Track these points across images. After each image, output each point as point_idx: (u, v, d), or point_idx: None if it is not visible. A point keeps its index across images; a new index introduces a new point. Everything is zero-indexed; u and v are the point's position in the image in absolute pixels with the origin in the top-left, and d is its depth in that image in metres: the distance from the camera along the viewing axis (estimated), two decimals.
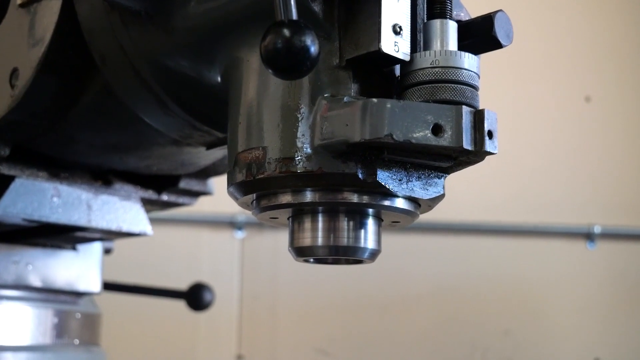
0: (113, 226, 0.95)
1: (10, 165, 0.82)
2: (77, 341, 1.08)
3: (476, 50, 0.61)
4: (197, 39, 0.66)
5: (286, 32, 0.49)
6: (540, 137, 2.49)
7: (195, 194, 1.00)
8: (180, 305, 1.28)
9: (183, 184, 0.95)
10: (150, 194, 0.96)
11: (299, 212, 0.62)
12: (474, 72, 0.57)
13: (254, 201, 0.62)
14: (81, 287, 1.08)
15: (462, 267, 2.37)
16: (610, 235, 2.48)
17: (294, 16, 0.50)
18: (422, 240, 2.31)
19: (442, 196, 0.60)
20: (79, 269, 1.08)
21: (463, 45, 0.60)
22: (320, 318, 2.32)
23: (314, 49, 0.49)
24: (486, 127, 0.54)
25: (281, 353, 2.29)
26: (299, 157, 0.56)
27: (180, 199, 1.00)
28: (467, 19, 0.65)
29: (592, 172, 2.55)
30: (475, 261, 2.39)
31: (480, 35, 0.62)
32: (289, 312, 2.28)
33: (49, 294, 1.04)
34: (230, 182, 0.62)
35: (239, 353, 2.24)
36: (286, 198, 0.59)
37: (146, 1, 0.65)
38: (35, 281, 1.02)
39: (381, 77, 0.58)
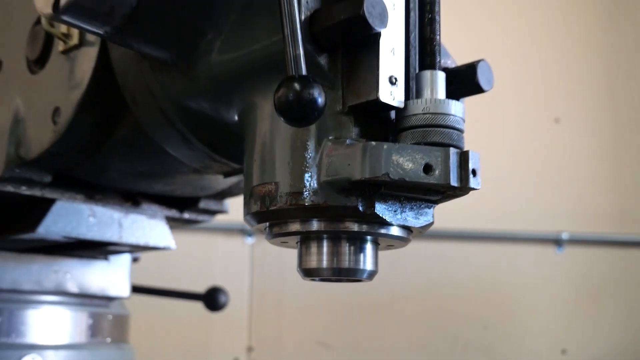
0: (141, 241, 0.95)
1: (52, 190, 0.82)
2: (109, 339, 1.07)
3: (461, 94, 0.62)
4: (217, 86, 0.65)
5: (297, 86, 0.49)
6: (515, 155, 2.49)
7: (213, 213, 0.99)
8: (198, 304, 1.27)
9: (202, 204, 0.95)
10: (173, 213, 0.95)
11: (306, 238, 0.61)
12: (460, 117, 0.56)
13: (267, 228, 0.62)
14: (112, 292, 1.07)
15: (446, 270, 2.38)
16: (577, 241, 2.48)
17: (304, 71, 0.49)
18: (409, 247, 2.30)
19: (431, 224, 0.60)
20: (111, 276, 1.07)
21: (449, 90, 0.59)
22: (321, 314, 2.32)
23: (321, 101, 0.49)
24: (470, 166, 0.54)
25: (286, 345, 2.29)
26: (307, 192, 0.56)
27: (200, 217, 0.99)
28: (453, 66, 0.65)
29: (560, 185, 2.55)
30: (458, 265, 2.39)
31: (464, 82, 0.62)
32: (293, 309, 2.28)
33: (84, 298, 1.04)
34: (246, 212, 0.61)
35: (249, 345, 2.24)
36: (295, 227, 0.59)
37: (173, 51, 0.64)
38: (73, 288, 1.02)
39: (379, 121, 0.58)
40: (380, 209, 0.56)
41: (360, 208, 0.55)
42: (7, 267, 0.96)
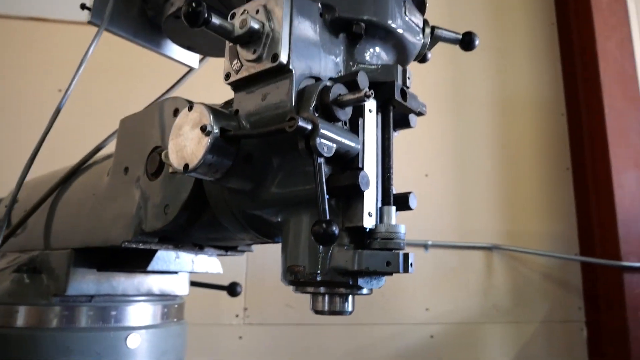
0: (204, 270, 0.98)
1: (156, 245, 0.81)
2: (175, 320, 1.05)
3: (400, 209, 0.63)
4: (272, 205, 0.63)
5: (324, 225, 0.50)
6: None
7: (243, 252, 0.97)
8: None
9: (239, 248, 0.95)
10: (222, 252, 0.95)
11: (317, 294, 0.60)
12: (403, 234, 0.57)
13: (295, 288, 0.62)
14: (178, 292, 1.06)
15: None
16: (436, 245, 2.53)
17: (327, 216, 0.51)
18: None
19: (383, 284, 0.60)
20: (178, 283, 1.06)
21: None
22: (288, 287, 2.28)
23: (336, 232, 0.51)
24: (410, 261, 0.56)
25: (267, 306, 2.28)
26: (321, 273, 0.56)
27: (237, 254, 0.98)
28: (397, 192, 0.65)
29: (427, 212, 2.61)
30: None
31: (401, 203, 0.63)
32: (271, 285, 2.29)
33: (162, 296, 1.03)
34: (284, 277, 0.61)
35: (245, 306, 2.23)
36: (312, 289, 0.59)
37: (249, 186, 0.62)
38: (156, 291, 1.01)
39: (362, 232, 0.57)
40: (360, 282, 0.57)
41: (350, 282, 0.56)
42: (119, 281, 0.96)
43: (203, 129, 0.53)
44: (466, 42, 0.72)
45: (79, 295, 0.90)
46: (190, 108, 0.57)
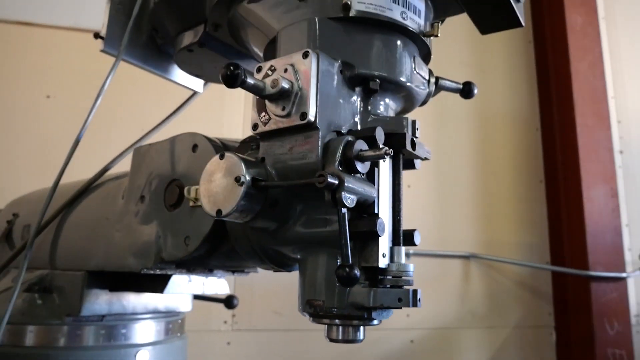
0: (214, 291, 1.02)
1: (172, 270, 0.84)
2: (178, 334, 1.10)
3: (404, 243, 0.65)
4: (293, 243, 0.65)
5: (347, 269, 0.53)
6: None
7: (249, 272, 1.01)
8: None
9: (245, 270, 0.98)
10: (229, 274, 0.98)
11: (333, 325, 0.63)
12: (412, 272, 0.61)
13: (313, 319, 0.64)
14: (181, 309, 1.11)
15: None
16: (417, 254, 2.61)
17: (349, 261, 0.54)
18: None
19: (391, 314, 0.64)
20: (182, 299, 1.10)
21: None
22: (276, 294, 2.34)
23: (358, 275, 0.54)
24: (418, 297, 0.60)
25: (255, 313, 2.32)
26: (338, 307, 0.59)
27: (242, 274, 1.01)
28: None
29: (411, 221, 2.66)
30: None
31: (407, 239, 0.65)
32: (260, 292, 2.32)
33: (167, 313, 1.07)
34: (303, 310, 0.63)
35: (233, 313, 2.27)
36: (328, 320, 0.62)
37: (271, 227, 0.64)
38: (162, 308, 1.06)
39: (376, 271, 0.60)
40: (374, 315, 0.60)
41: (365, 316, 0.60)
42: (129, 300, 1.00)
43: (237, 179, 0.57)
44: (466, 91, 0.78)
45: (92, 315, 0.94)
46: (222, 157, 0.61)
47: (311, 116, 0.58)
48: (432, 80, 0.76)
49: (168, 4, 0.89)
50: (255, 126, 0.63)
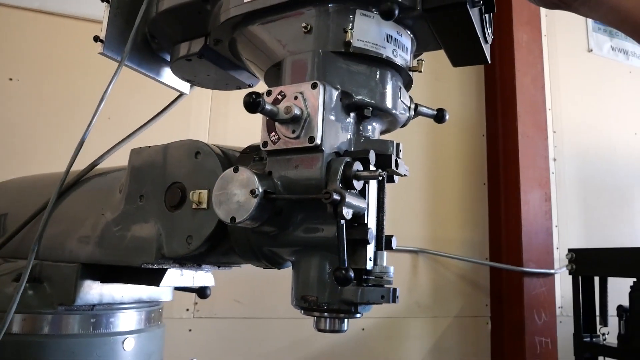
0: (203, 284, 1.07)
1: (168, 265, 0.89)
2: (158, 323, 1.13)
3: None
4: (291, 246, 0.70)
5: (344, 271, 0.61)
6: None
7: (232, 267, 1.03)
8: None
9: (231, 265, 1.02)
10: (215, 268, 1.02)
11: (321, 317, 0.69)
12: (392, 273, 0.68)
13: (305, 312, 0.69)
14: (163, 298, 1.13)
15: None
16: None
17: (346, 264, 0.61)
18: None
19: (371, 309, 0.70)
20: (164, 290, 1.12)
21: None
22: (236, 284, 2.37)
23: (352, 277, 0.62)
24: (397, 294, 0.67)
25: (216, 301, 2.33)
26: (330, 302, 0.66)
27: (226, 268, 1.04)
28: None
29: (402, 222, 2.68)
30: None
31: (386, 244, 0.71)
32: (221, 281, 2.30)
33: (149, 303, 1.09)
34: (296, 304, 0.69)
35: (195, 302, 2.28)
36: (318, 313, 0.68)
37: (273, 232, 0.69)
38: (145, 298, 1.08)
39: (363, 272, 0.66)
40: (359, 309, 0.68)
41: (352, 310, 0.67)
42: (117, 290, 1.02)
43: (252, 192, 0.65)
44: (439, 116, 0.89)
45: (84, 304, 0.97)
46: (236, 170, 0.68)
47: (318, 140, 0.67)
48: (412, 106, 0.87)
49: (170, 16, 0.93)
50: (265, 144, 0.71)
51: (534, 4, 0.85)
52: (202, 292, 1.40)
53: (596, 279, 2.40)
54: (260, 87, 0.82)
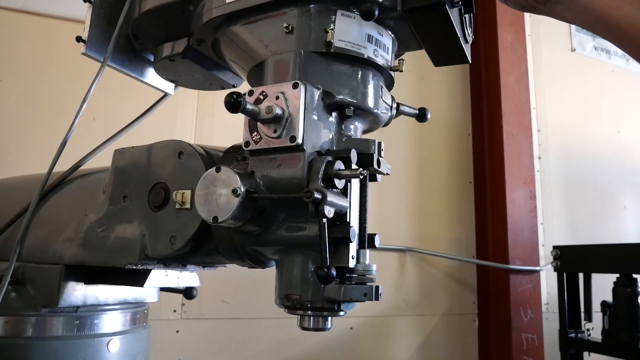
0: (188, 284, 1.06)
1: (152, 266, 0.89)
2: (144, 324, 1.13)
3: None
4: (274, 245, 0.70)
5: (326, 270, 0.61)
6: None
7: (217, 267, 1.03)
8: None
9: (216, 265, 1.02)
10: (200, 268, 1.02)
11: (305, 315, 0.70)
12: (375, 271, 0.69)
13: (288, 310, 0.70)
14: (148, 299, 1.13)
15: None
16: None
17: (328, 263, 0.62)
18: None
19: (355, 307, 0.70)
20: (148, 292, 1.12)
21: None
22: (224, 284, 2.36)
23: (334, 275, 0.62)
24: (380, 292, 0.67)
25: (203, 302, 2.32)
26: (313, 301, 0.66)
27: (212, 269, 1.04)
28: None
29: (395, 222, 2.71)
30: None
31: (369, 242, 0.72)
32: (208, 282, 2.30)
33: (135, 304, 1.09)
34: (279, 302, 0.69)
35: (182, 303, 2.27)
36: (301, 312, 0.69)
37: (256, 231, 0.69)
38: (130, 299, 1.08)
39: (345, 270, 0.67)
40: (342, 307, 0.68)
41: (335, 308, 0.67)
42: (102, 292, 1.02)
43: (234, 191, 0.65)
44: (421, 115, 0.91)
45: (68, 306, 0.97)
46: (218, 170, 0.68)
47: (299, 139, 0.67)
48: (394, 105, 0.88)
49: (153, 16, 0.93)
50: (247, 143, 0.71)
51: (510, 7, 0.86)
52: (188, 293, 1.40)
53: (580, 276, 2.44)
54: (245, 87, 0.82)
